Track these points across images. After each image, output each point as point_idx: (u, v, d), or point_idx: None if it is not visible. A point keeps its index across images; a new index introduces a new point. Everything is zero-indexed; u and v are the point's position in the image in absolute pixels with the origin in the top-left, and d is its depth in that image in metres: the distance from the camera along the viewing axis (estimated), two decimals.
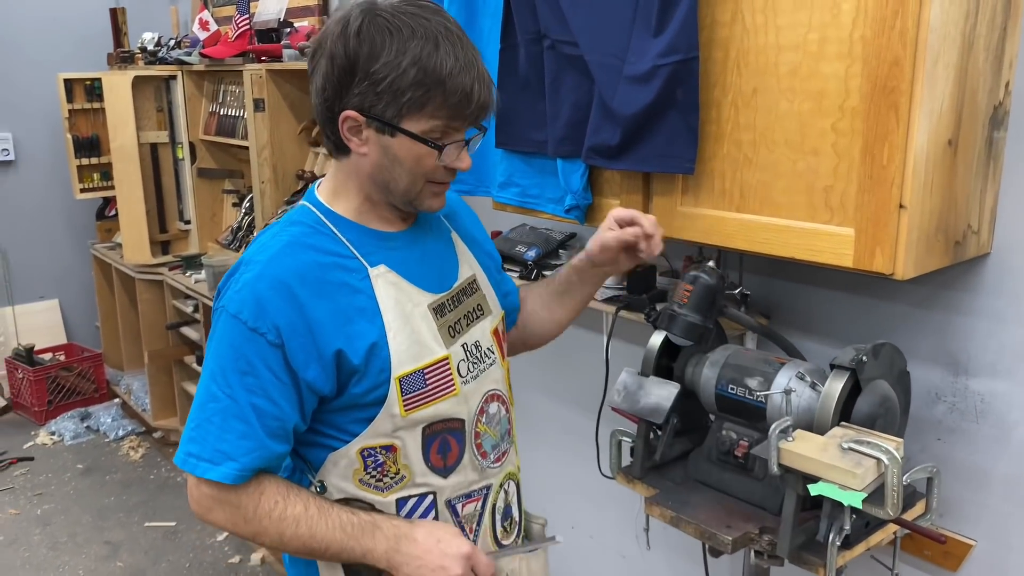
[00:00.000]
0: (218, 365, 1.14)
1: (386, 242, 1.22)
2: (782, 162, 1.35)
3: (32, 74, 4.57)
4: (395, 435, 1.19)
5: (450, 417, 1.23)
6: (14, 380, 4.52)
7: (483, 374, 1.28)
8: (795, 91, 1.31)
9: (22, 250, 4.73)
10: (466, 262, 1.33)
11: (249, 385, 1.12)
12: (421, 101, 1.09)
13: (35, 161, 4.72)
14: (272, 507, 1.15)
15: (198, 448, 1.14)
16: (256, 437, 1.13)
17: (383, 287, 1.18)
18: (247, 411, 1.12)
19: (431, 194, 1.20)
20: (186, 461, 1.15)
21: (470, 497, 1.28)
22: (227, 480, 1.12)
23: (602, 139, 1.51)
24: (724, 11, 1.39)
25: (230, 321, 1.12)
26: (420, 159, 1.14)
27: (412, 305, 1.20)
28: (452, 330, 1.25)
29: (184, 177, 3.79)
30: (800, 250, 1.34)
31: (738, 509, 1.44)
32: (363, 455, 1.19)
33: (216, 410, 1.13)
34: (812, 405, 1.36)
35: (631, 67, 1.45)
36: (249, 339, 1.11)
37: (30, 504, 3.62)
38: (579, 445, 2.39)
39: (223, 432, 1.13)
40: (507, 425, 1.35)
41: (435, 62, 1.08)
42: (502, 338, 1.37)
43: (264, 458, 1.14)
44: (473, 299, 1.31)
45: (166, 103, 3.86)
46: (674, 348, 1.56)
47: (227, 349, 1.13)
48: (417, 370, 1.18)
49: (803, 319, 1.74)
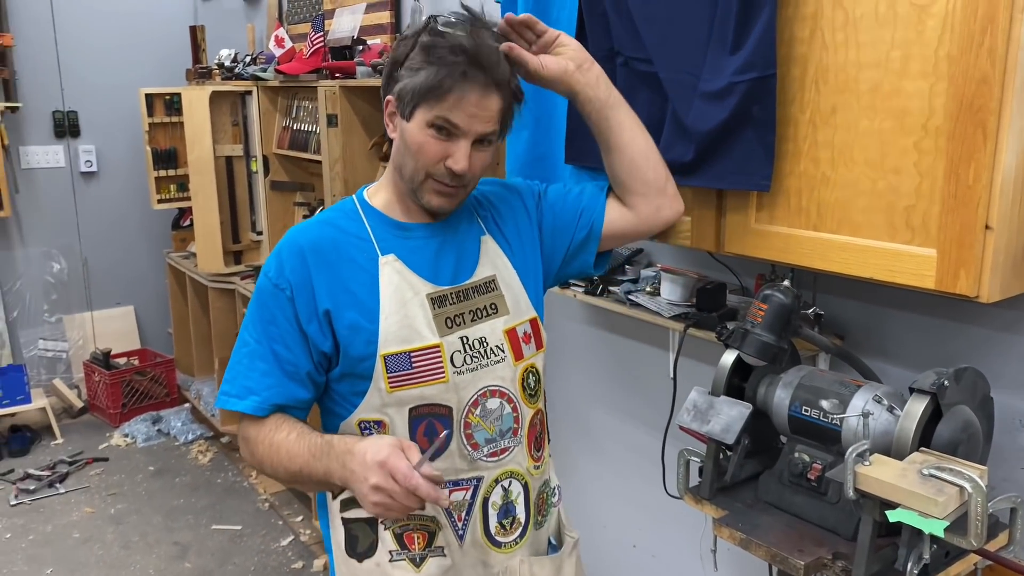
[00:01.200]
0: (250, 316, 1.34)
1: (404, 231, 1.35)
2: (861, 181, 1.33)
3: (115, 89, 4.75)
4: (384, 411, 1.30)
5: (436, 403, 1.30)
6: (91, 383, 4.69)
7: (483, 369, 1.34)
8: (876, 109, 1.29)
9: (101, 257, 4.91)
10: (489, 263, 1.40)
11: (271, 334, 1.30)
12: (432, 91, 1.22)
13: (116, 172, 4.91)
14: (267, 434, 1.30)
15: (229, 386, 1.33)
16: (276, 375, 1.30)
17: (387, 273, 1.31)
18: (268, 354, 1.30)
19: (432, 190, 1.30)
20: (219, 399, 1.34)
21: (458, 485, 1.33)
22: (249, 410, 1.30)
23: (675, 155, 1.51)
24: (803, 28, 1.38)
25: (262, 279, 1.33)
26: (422, 147, 1.26)
27: (412, 293, 1.31)
28: (451, 321, 1.33)
29: (257, 189, 3.88)
30: (879, 270, 1.32)
31: (810, 533, 1.42)
32: (361, 427, 1.32)
33: (245, 353, 1.32)
34: (890, 429, 1.33)
35: (706, 84, 1.44)
36: (272, 294, 1.31)
37: (104, 503, 3.74)
38: (643, 463, 2.37)
39: (249, 371, 1.31)
40: (511, 424, 1.37)
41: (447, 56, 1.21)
42: (522, 340, 1.40)
43: (283, 395, 1.30)
44: (486, 297, 1.37)
45: (241, 117, 3.97)
46: (745, 368, 1.54)
47: (257, 303, 1.33)
48: (404, 352, 1.28)
49: (878, 341, 1.70)
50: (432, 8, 2.96)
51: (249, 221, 4.10)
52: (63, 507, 3.70)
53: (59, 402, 4.66)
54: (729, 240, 1.53)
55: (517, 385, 1.38)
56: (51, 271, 4.80)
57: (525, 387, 1.40)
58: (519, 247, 1.45)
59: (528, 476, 1.41)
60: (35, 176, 4.68)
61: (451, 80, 1.22)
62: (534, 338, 1.42)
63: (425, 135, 1.26)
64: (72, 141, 4.77)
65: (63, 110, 4.70)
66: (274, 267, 1.32)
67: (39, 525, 3.55)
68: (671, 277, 1.96)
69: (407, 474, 1.14)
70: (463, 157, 1.26)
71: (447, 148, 1.26)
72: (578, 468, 2.64)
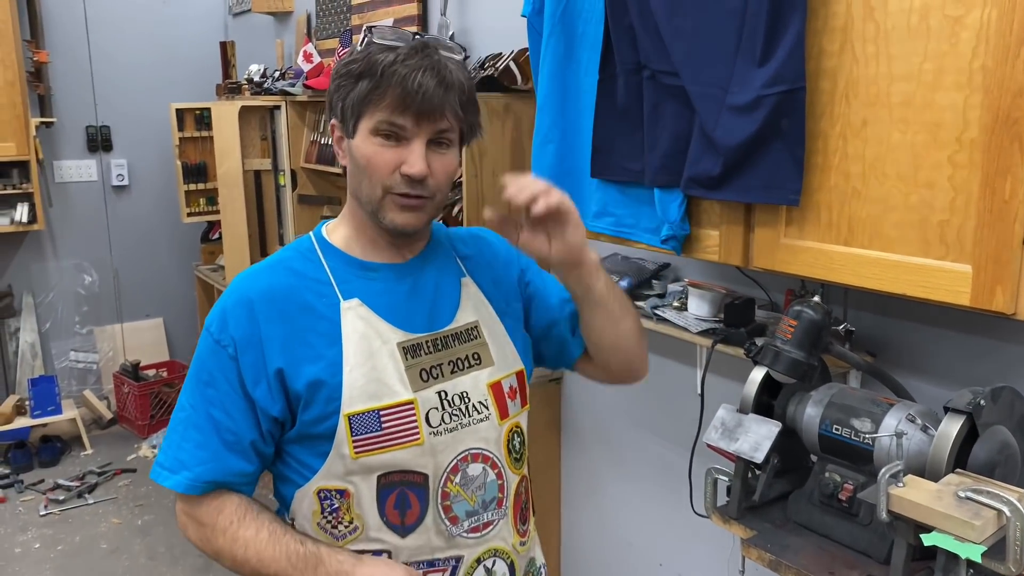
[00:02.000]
0: (190, 376, 1.18)
1: (368, 272, 1.19)
2: (893, 195, 1.30)
3: (147, 105, 4.83)
4: (348, 479, 1.14)
5: (409, 469, 1.14)
6: (120, 394, 4.74)
7: (464, 429, 1.18)
8: (908, 122, 1.27)
9: (132, 270, 4.97)
10: (471, 307, 1.25)
11: (209, 397, 1.14)
12: (368, 96, 1.10)
13: (146, 186, 4.98)
14: (227, 526, 1.14)
15: (163, 457, 1.17)
16: (211, 448, 1.13)
17: (351, 320, 1.15)
18: (204, 421, 1.14)
19: (393, 206, 1.13)
20: (154, 470, 1.18)
21: (434, 566, 1.17)
22: (179, 488, 1.14)
23: (703, 169, 1.49)
24: (832, 41, 1.36)
25: (204, 334, 1.17)
26: (371, 159, 1.11)
27: (380, 342, 1.15)
28: (426, 374, 1.16)
29: (285, 203, 3.91)
30: (912, 286, 1.29)
31: (841, 555, 1.38)
32: (320, 496, 1.15)
33: (180, 419, 1.17)
34: (924, 449, 1.30)
35: (734, 97, 1.43)
36: (213, 351, 1.14)
37: (132, 515, 3.76)
38: (669, 480, 2.34)
39: (183, 441, 1.15)
40: (496, 493, 1.21)
41: (379, 58, 1.10)
42: (507, 395, 1.24)
43: (219, 471, 1.14)
44: (468, 346, 1.22)
45: (270, 132, 4.01)
46: (774, 385, 1.52)
47: (197, 361, 1.17)
48: (371, 410, 1.12)
49: (910, 358, 1.66)
50: (459, 23, 2.97)
51: (277, 234, 4.12)
52: (91, 518, 3.74)
53: (89, 413, 4.71)
54: (758, 255, 1.51)
55: (502, 447, 1.22)
56: (83, 283, 4.87)
57: (511, 450, 1.24)
58: (501, 295, 1.30)
59: (514, 554, 1.25)
60: (68, 190, 4.76)
61: (387, 78, 1.08)
62: (519, 394, 1.27)
63: (372, 145, 1.11)
64: (104, 155, 4.84)
65: (96, 125, 4.78)
66: (216, 321, 1.15)
67: (68, 535, 3.58)
68: (699, 292, 1.94)
69: None
70: (418, 159, 1.10)
71: (400, 154, 1.11)
72: (603, 485, 2.61)
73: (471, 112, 1.17)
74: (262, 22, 4.67)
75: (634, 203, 1.75)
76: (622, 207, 1.78)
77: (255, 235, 4.09)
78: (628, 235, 1.78)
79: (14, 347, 4.67)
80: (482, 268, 1.30)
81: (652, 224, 1.71)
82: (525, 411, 1.29)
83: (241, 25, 4.96)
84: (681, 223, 1.62)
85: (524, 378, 1.29)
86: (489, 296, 1.28)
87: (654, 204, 1.67)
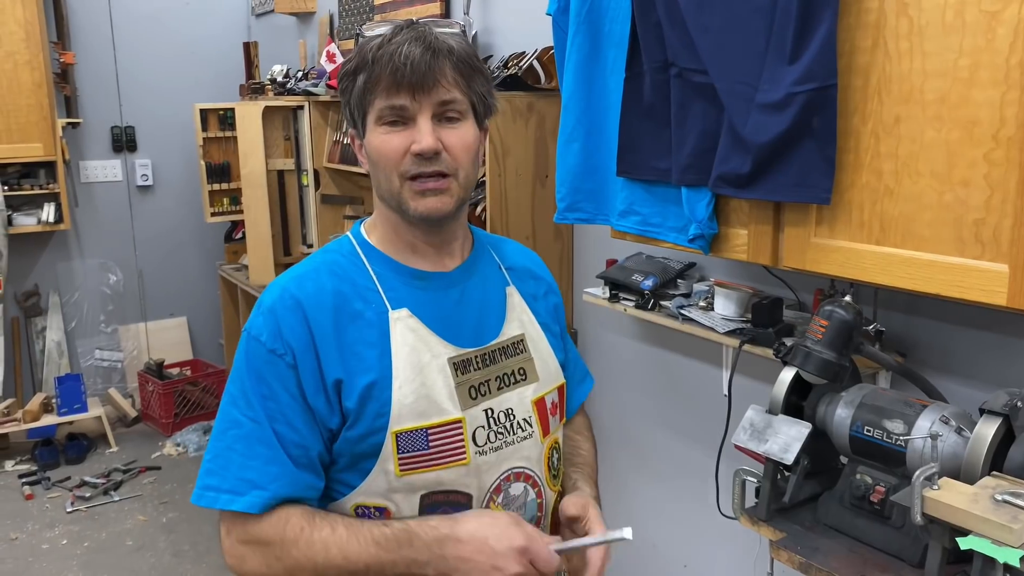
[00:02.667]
0: (239, 389, 1.09)
1: (417, 281, 1.14)
2: (927, 193, 1.28)
3: (171, 105, 4.86)
4: (389, 497, 1.09)
5: (454, 489, 1.09)
6: (144, 393, 4.78)
7: (508, 447, 1.14)
8: (942, 119, 1.25)
9: (156, 269, 5.01)
10: (516, 319, 1.21)
11: (270, 410, 1.06)
12: (365, 87, 1.07)
13: (170, 186, 5.01)
14: (298, 534, 1.04)
15: (218, 480, 1.07)
16: (282, 463, 1.05)
17: (400, 331, 1.09)
18: (270, 435, 1.06)
19: (414, 193, 1.09)
20: (202, 496, 1.08)
21: None
22: (254, 510, 1.04)
23: (731, 167, 1.48)
24: (864, 37, 1.34)
25: (252, 343, 1.09)
26: (381, 149, 1.08)
27: (430, 356, 1.10)
28: (475, 391, 1.12)
29: (308, 203, 3.93)
30: (946, 286, 1.27)
31: (872, 558, 1.36)
32: (357, 512, 1.10)
33: (238, 436, 1.07)
34: (958, 452, 1.28)
35: (764, 95, 1.41)
36: (268, 361, 1.07)
37: (157, 512, 3.79)
38: (694, 482, 2.32)
39: (247, 459, 1.06)
40: (535, 512, 1.18)
41: (368, 47, 1.07)
42: (549, 411, 1.21)
43: (292, 485, 1.06)
44: (514, 361, 1.18)
45: (293, 132, 4.03)
46: (804, 385, 1.50)
47: (248, 372, 1.08)
48: (420, 428, 1.07)
49: (942, 359, 1.64)
50: (482, 22, 2.97)
51: (300, 234, 4.14)
52: (117, 515, 3.77)
53: (114, 411, 4.75)
54: (787, 254, 1.50)
55: (543, 465, 1.19)
56: (108, 282, 4.91)
57: (550, 467, 1.21)
58: (543, 310, 1.28)
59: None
60: (94, 190, 4.81)
61: (377, 63, 1.05)
62: (559, 408, 1.25)
63: (380, 135, 1.08)
64: (129, 156, 4.88)
65: (121, 125, 4.82)
66: (267, 329, 1.08)
67: (94, 532, 3.61)
68: (725, 292, 1.92)
69: (550, 561, 1.02)
70: (425, 134, 1.05)
71: (407, 136, 1.06)
72: (627, 486, 2.60)
73: (476, 81, 1.11)
74: (285, 23, 4.69)
75: (660, 202, 1.74)
76: (648, 206, 1.77)
77: (278, 234, 4.10)
78: (654, 234, 1.77)
79: (41, 345, 4.72)
80: (526, 280, 1.27)
81: (679, 223, 1.70)
82: (562, 426, 1.28)
83: (264, 26, 4.98)
84: (709, 222, 1.60)
85: (564, 392, 1.27)
86: (532, 308, 1.25)
87: (681, 203, 1.66)
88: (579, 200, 1.94)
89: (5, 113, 4.16)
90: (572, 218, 1.96)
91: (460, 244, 1.21)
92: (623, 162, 1.76)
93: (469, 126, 1.11)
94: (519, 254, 1.32)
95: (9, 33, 4.13)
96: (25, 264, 4.64)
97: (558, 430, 1.25)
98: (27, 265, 4.66)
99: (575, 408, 1.39)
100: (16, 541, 3.53)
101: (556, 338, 1.29)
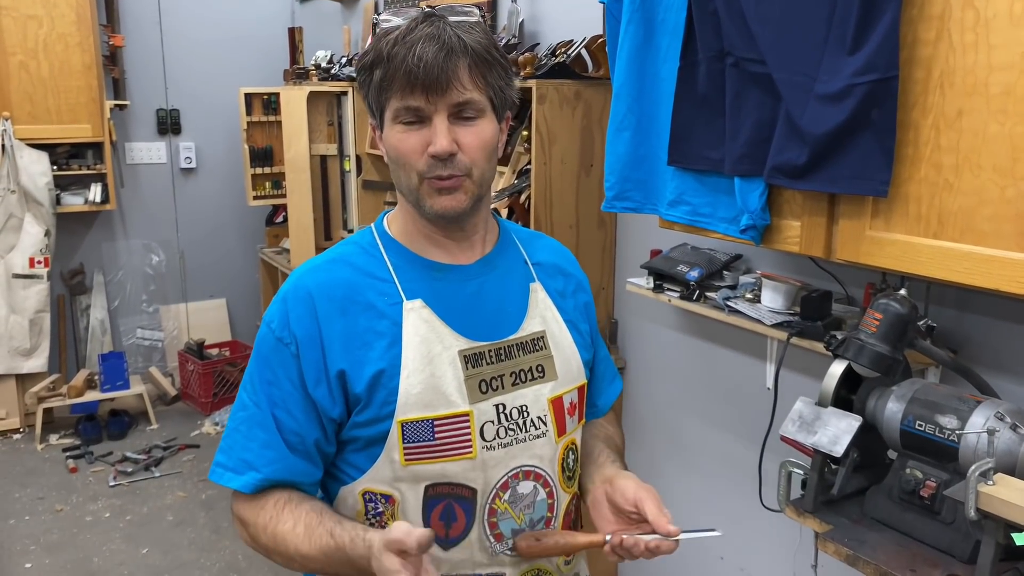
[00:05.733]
0: (250, 373, 1.15)
1: (434, 272, 1.15)
2: (989, 188, 1.27)
3: (216, 89, 4.93)
4: (395, 485, 1.11)
5: (459, 482, 1.10)
6: (184, 372, 4.86)
7: (519, 444, 1.13)
8: (1007, 113, 1.23)
9: (197, 251, 5.09)
10: (538, 315, 1.20)
11: (273, 396, 1.11)
12: (381, 84, 1.06)
13: (214, 169, 5.08)
14: (267, 522, 1.10)
15: (225, 458, 1.14)
16: (277, 447, 1.10)
17: (413, 322, 1.11)
18: (269, 420, 1.11)
19: (431, 192, 1.09)
20: (213, 471, 1.15)
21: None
22: (247, 490, 1.11)
23: (787, 158, 1.47)
24: (927, 29, 1.32)
25: (264, 329, 1.14)
26: (398, 148, 1.08)
27: (441, 347, 1.11)
28: (485, 385, 1.12)
29: (349, 188, 3.96)
30: (1006, 281, 1.25)
31: (922, 553, 1.36)
32: (365, 498, 1.13)
33: (243, 418, 1.13)
34: (1013, 448, 1.27)
35: (823, 85, 1.40)
36: (275, 348, 1.11)
37: (196, 489, 3.87)
38: (733, 474, 2.32)
39: (247, 441, 1.12)
40: (545, 512, 1.17)
41: (383, 42, 1.06)
42: (567, 411, 1.19)
43: (286, 471, 1.11)
44: (532, 357, 1.17)
45: (336, 117, 4.06)
46: (854, 379, 1.49)
47: (258, 357, 1.14)
48: (425, 419, 1.08)
49: (995, 355, 1.62)
50: (529, 10, 2.97)
51: (341, 219, 4.18)
52: (157, 490, 3.85)
53: (154, 389, 4.85)
54: (841, 247, 1.49)
55: (556, 466, 1.17)
56: (150, 263, 5.00)
57: (564, 468, 1.19)
58: (571, 308, 1.26)
59: (557, 573, 1.21)
60: (138, 171, 4.89)
61: (391, 61, 1.04)
62: (579, 409, 1.23)
63: (398, 133, 1.07)
64: (173, 138, 4.96)
65: (166, 108, 4.89)
66: (277, 317, 1.12)
67: (136, 506, 3.69)
68: (773, 284, 1.92)
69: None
70: (441, 136, 1.04)
71: (424, 136, 1.06)
72: (664, 476, 2.60)
73: (494, 75, 1.09)
74: (329, 9, 4.73)
75: (711, 192, 1.73)
76: (699, 196, 1.76)
77: (319, 219, 4.15)
78: (704, 224, 1.77)
79: (85, 323, 4.82)
80: (554, 277, 1.26)
81: (730, 213, 1.69)
82: (581, 426, 1.26)
83: (308, 12, 5.02)
84: (762, 212, 1.60)
85: (585, 392, 1.26)
86: (558, 305, 1.24)
87: (733, 193, 1.65)
88: (628, 189, 1.94)
89: (56, 94, 4.25)
90: (620, 207, 1.96)
91: (481, 238, 1.20)
92: (675, 151, 1.76)
93: (486, 123, 1.10)
94: (550, 250, 1.31)
95: (61, 15, 4.21)
96: (71, 243, 4.73)
97: (575, 431, 1.23)
98: (73, 244, 4.76)
99: (605, 409, 1.39)
100: (61, 512, 3.63)
101: (583, 336, 1.27)
